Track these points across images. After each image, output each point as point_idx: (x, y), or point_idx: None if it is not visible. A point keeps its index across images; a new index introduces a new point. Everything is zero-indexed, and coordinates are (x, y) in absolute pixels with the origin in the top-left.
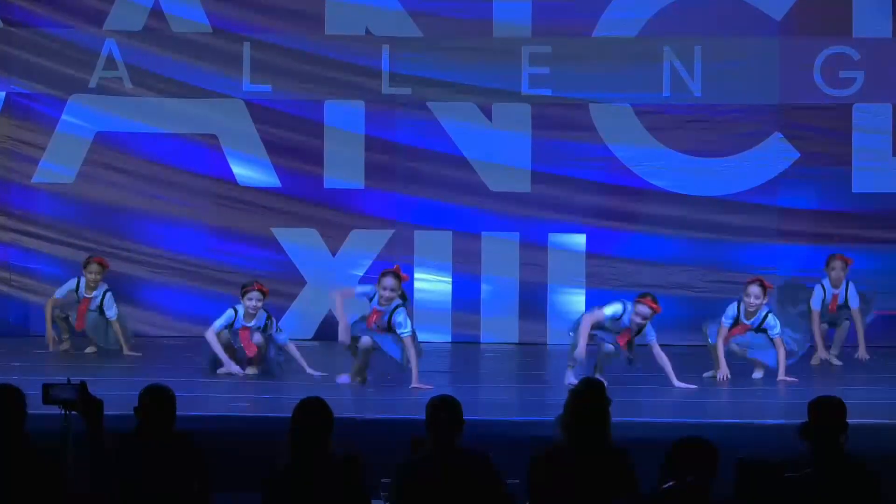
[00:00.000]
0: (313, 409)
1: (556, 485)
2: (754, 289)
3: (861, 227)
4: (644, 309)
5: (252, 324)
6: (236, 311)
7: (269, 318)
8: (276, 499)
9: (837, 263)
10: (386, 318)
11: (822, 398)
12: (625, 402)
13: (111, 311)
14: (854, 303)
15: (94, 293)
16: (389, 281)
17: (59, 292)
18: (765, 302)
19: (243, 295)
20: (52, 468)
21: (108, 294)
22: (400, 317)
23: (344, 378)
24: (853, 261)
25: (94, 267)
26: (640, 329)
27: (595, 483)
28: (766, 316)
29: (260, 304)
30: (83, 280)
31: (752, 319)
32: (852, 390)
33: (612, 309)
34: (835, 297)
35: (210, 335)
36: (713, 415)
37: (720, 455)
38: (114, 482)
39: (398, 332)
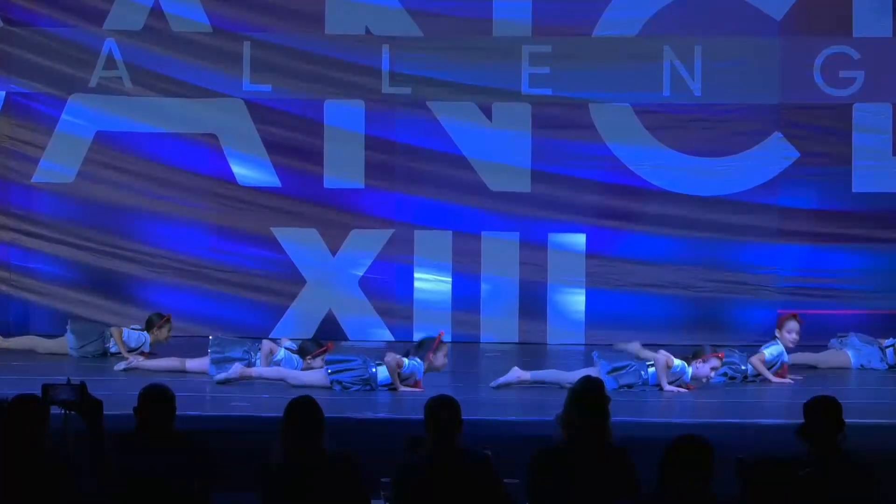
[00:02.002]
0: (303, 409)
1: (555, 484)
2: (794, 324)
3: (861, 227)
4: (715, 362)
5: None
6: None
7: None
8: (273, 498)
9: None
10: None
11: (817, 398)
12: (625, 402)
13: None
14: None
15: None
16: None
17: (126, 335)
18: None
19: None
20: (62, 472)
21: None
22: None
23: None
24: None
25: (169, 325)
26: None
27: (595, 483)
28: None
29: None
30: (148, 337)
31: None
32: (851, 390)
33: (679, 363)
34: None
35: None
36: (713, 415)
37: (721, 455)
38: (114, 482)
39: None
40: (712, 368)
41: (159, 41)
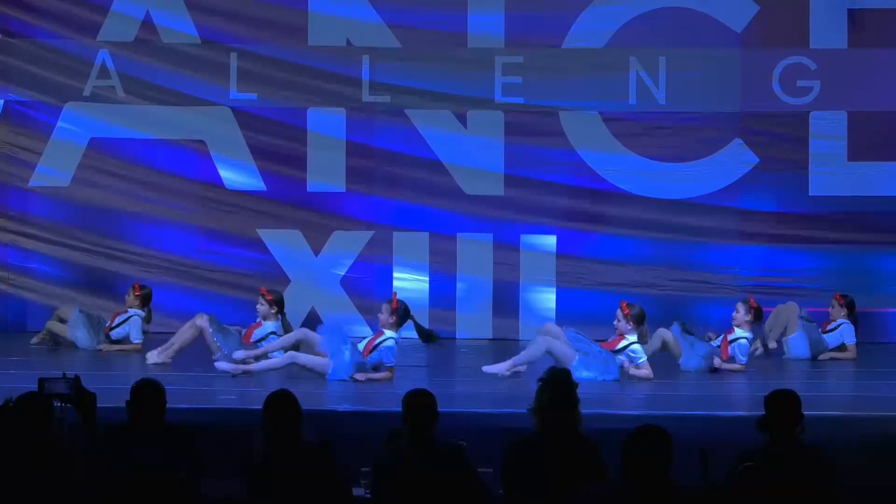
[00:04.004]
0: (281, 402)
1: (528, 473)
2: (738, 305)
3: (817, 229)
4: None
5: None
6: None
7: None
8: (258, 487)
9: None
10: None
11: (777, 392)
12: (596, 395)
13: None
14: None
15: (124, 316)
16: (384, 307)
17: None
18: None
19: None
20: (69, 457)
21: (135, 319)
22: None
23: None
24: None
25: (137, 294)
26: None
27: (566, 471)
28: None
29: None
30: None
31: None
32: (810, 384)
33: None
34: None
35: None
36: (678, 407)
37: (685, 446)
38: (106, 471)
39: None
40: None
41: (150, 52)
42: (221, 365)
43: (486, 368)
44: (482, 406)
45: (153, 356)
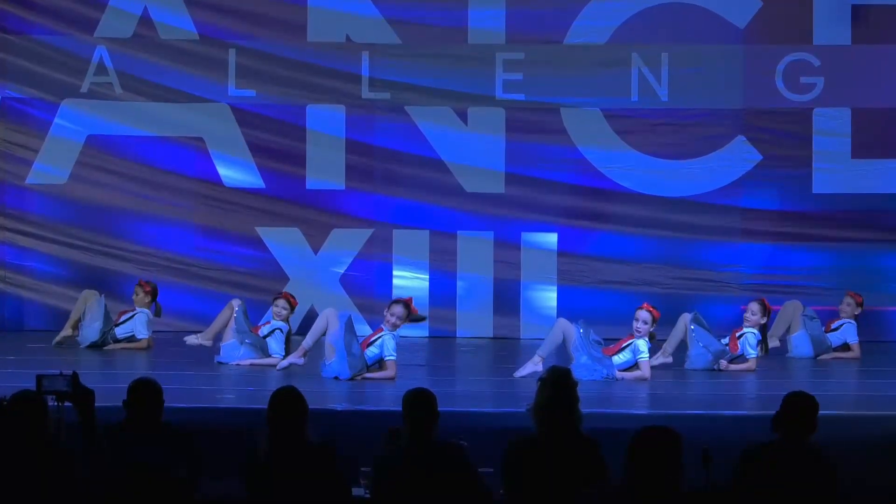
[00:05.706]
0: (287, 399)
1: (529, 473)
2: (753, 305)
3: (820, 227)
4: (644, 314)
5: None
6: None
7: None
8: (257, 485)
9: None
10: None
11: (799, 395)
12: (597, 394)
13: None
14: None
15: (130, 314)
16: (399, 309)
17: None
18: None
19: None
20: (65, 457)
21: (140, 316)
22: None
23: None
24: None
25: (143, 289)
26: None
27: (566, 471)
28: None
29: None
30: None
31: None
32: (813, 383)
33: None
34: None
35: None
36: (679, 406)
37: (691, 444)
38: (104, 471)
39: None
40: (636, 319)
41: (148, 48)
42: (191, 339)
43: (517, 373)
44: (482, 406)
45: (193, 339)
